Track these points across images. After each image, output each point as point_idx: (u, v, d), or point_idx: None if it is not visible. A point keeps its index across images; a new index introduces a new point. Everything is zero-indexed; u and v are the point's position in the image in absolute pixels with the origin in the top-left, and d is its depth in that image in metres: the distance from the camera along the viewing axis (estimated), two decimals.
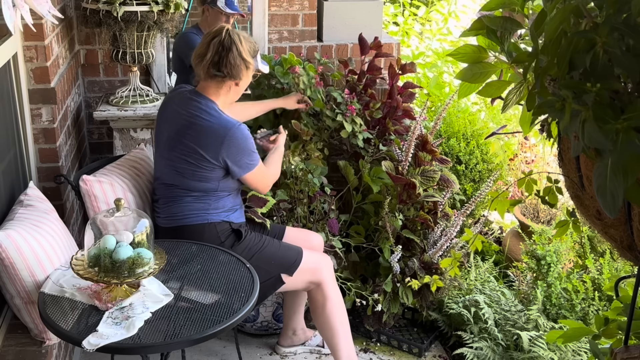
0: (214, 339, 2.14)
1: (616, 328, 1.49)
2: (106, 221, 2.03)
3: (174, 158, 2.45)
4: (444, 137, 3.66)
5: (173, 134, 2.45)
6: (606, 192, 0.97)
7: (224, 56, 2.36)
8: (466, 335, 2.87)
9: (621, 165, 0.96)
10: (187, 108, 2.44)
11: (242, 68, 2.40)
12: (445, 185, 3.04)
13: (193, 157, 2.40)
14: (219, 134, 2.37)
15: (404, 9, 6.39)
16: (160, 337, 1.92)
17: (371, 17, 3.60)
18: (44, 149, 2.71)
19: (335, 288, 2.63)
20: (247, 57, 2.40)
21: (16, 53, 2.52)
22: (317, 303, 2.61)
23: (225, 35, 2.37)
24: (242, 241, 2.48)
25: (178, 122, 2.45)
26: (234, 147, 2.38)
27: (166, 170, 2.50)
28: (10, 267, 2.11)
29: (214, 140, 2.37)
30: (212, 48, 2.36)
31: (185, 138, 2.40)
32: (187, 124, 2.41)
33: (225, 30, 2.38)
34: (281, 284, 2.53)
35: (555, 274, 2.94)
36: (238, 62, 2.38)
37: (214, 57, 2.37)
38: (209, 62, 2.37)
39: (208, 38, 2.40)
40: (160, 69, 3.45)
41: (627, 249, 1.16)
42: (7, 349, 2.21)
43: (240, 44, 2.38)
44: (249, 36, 2.47)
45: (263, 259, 2.48)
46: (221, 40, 2.36)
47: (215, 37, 2.38)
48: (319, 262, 2.60)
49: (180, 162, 2.44)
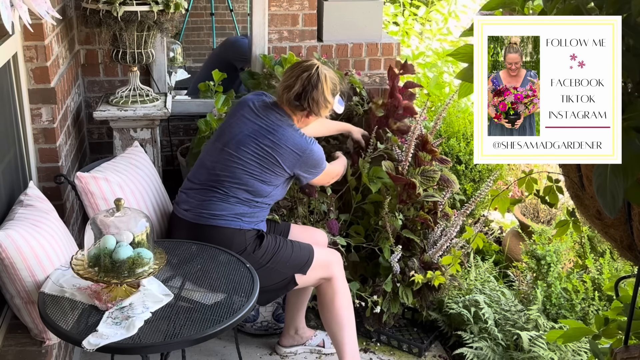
0: (214, 339, 2.14)
1: (616, 328, 1.49)
2: (106, 221, 2.03)
3: (243, 154, 2.50)
4: (444, 137, 3.65)
5: (249, 133, 2.52)
6: (606, 192, 0.97)
7: (309, 91, 2.50)
8: (466, 335, 2.87)
9: (621, 165, 0.96)
10: (268, 115, 2.55)
11: (322, 106, 2.54)
12: (445, 185, 3.04)
13: (266, 160, 2.49)
14: (298, 149, 2.51)
15: (404, 9, 6.39)
16: (160, 337, 1.92)
17: (371, 17, 3.60)
18: (44, 149, 2.71)
19: (344, 283, 2.68)
20: (329, 97, 2.54)
21: (16, 53, 2.52)
22: (327, 297, 2.65)
23: (314, 72, 2.50)
24: (262, 245, 2.52)
25: (257, 124, 2.53)
26: (310, 162, 2.56)
27: (227, 163, 2.52)
28: (10, 267, 2.11)
29: (293, 154, 2.51)
30: (300, 82, 2.49)
31: (264, 142, 2.50)
32: (269, 129, 2.52)
33: (316, 68, 2.51)
34: (294, 285, 2.57)
35: (555, 274, 2.94)
36: (321, 100, 2.52)
37: (299, 89, 2.49)
38: (294, 93, 2.50)
39: (298, 71, 2.53)
40: (160, 68, 3.45)
41: (627, 249, 1.16)
42: (7, 349, 2.21)
43: (326, 82, 2.52)
44: (334, 75, 2.60)
45: (279, 261, 2.52)
46: (309, 76, 2.49)
47: (305, 71, 2.51)
48: (330, 258, 2.65)
49: (250, 159, 2.50)
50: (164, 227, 2.73)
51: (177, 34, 4.11)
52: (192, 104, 3.56)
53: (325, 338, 2.96)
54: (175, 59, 3.94)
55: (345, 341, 2.63)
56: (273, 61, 3.31)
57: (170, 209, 2.75)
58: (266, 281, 2.45)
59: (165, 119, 3.14)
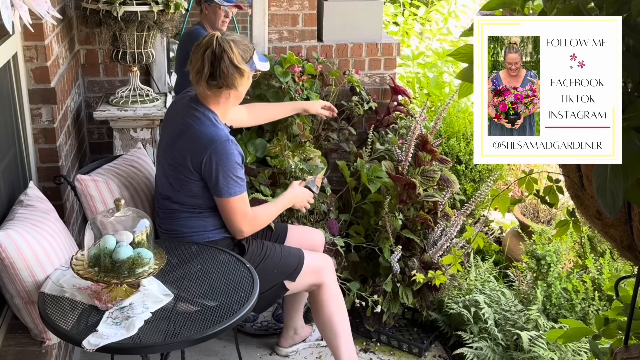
0: (214, 339, 2.14)
1: (616, 328, 1.49)
2: (106, 221, 2.03)
3: (166, 168, 2.42)
4: (444, 137, 3.65)
5: (169, 141, 2.43)
6: (606, 192, 0.97)
7: (216, 66, 2.31)
8: (466, 335, 2.87)
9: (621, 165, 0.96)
10: (183, 115, 2.40)
11: (236, 76, 2.34)
12: (445, 185, 3.04)
13: (180, 168, 2.36)
14: (203, 143, 2.32)
15: (404, 9, 6.39)
16: (160, 337, 1.92)
17: (371, 17, 3.59)
18: (44, 149, 2.71)
19: (336, 289, 2.63)
20: (240, 64, 2.33)
21: (16, 53, 2.52)
22: (319, 304, 2.61)
23: (215, 44, 2.31)
24: (245, 255, 2.45)
25: (174, 128, 2.42)
26: (215, 162, 2.30)
27: (162, 180, 2.47)
28: (10, 267, 2.11)
29: (198, 150, 2.32)
30: (207, 60, 2.31)
31: (177, 146, 2.36)
32: (180, 131, 2.37)
33: (216, 39, 2.32)
34: (285, 291, 2.53)
35: (555, 274, 2.94)
36: (231, 71, 2.32)
37: (209, 69, 2.32)
38: (207, 75, 2.33)
39: (201, 50, 2.34)
40: (160, 68, 3.45)
41: (627, 249, 1.16)
42: (7, 349, 2.21)
43: (232, 51, 2.31)
44: (241, 39, 2.40)
45: (266, 269, 2.45)
46: (213, 51, 2.31)
47: (207, 48, 2.32)
48: (321, 264, 2.60)
49: (171, 172, 2.40)
50: None
51: (177, 34, 4.10)
52: None
53: None
54: (175, 59, 3.93)
55: (340, 348, 2.59)
56: (273, 61, 3.31)
57: None
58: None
59: None
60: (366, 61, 3.61)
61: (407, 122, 3.36)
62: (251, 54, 2.40)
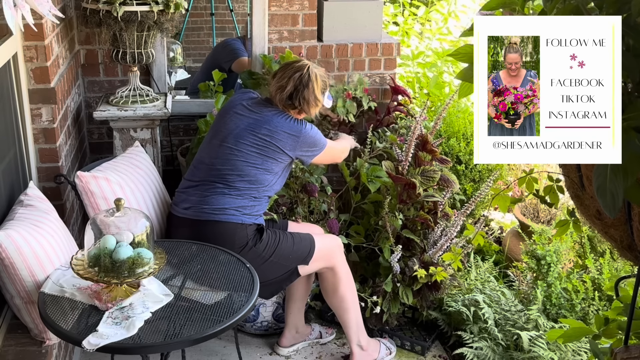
0: (214, 339, 2.14)
1: (616, 328, 1.49)
2: (106, 221, 2.03)
3: (243, 147, 2.57)
4: (444, 137, 3.65)
5: (245, 127, 2.59)
6: (606, 192, 0.97)
7: (299, 90, 2.60)
8: (466, 335, 2.87)
9: (621, 165, 0.96)
10: (261, 109, 2.64)
11: (312, 104, 2.64)
12: (445, 185, 3.04)
13: (266, 149, 2.57)
14: (294, 131, 2.60)
15: (404, 9, 6.39)
16: (160, 337, 1.92)
17: (371, 17, 3.59)
18: (44, 148, 2.71)
19: (346, 269, 2.76)
20: (319, 95, 2.65)
21: (16, 53, 2.51)
22: (330, 285, 2.76)
23: (305, 72, 2.61)
24: (262, 238, 2.56)
25: (251, 117, 2.61)
26: (308, 142, 2.63)
27: (227, 157, 2.58)
28: (10, 267, 2.11)
29: (291, 137, 2.59)
30: (292, 82, 2.60)
31: (262, 132, 2.58)
32: (264, 120, 2.60)
33: (307, 68, 2.62)
34: (297, 276, 2.65)
35: (555, 274, 2.94)
36: (312, 99, 2.62)
37: (291, 89, 2.59)
38: (287, 93, 2.60)
39: (290, 72, 2.62)
40: (160, 68, 3.45)
41: (627, 249, 1.16)
42: (7, 349, 2.21)
43: (316, 81, 2.63)
44: (323, 72, 2.71)
45: (280, 254, 2.58)
46: (301, 76, 2.60)
47: (297, 72, 2.61)
48: (330, 246, 2.72)
49: (251, 151, 2.56)
50: (164, 227, 2.73)
51: (177, 34, 4.10)
52: (192, 104, 3.56)
53: (322, 329, 3.06)
54: (175, 59, 3.94)
55: (350, 322, 2.77)
56: (273, 61, 3.31)
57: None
58: (270, 274, 2.54)
59: (165, 119, 3.14)
60: (366, 61, 3.61)
61: (407, 122, 3.36)
62: (327, 89, 2.72)
